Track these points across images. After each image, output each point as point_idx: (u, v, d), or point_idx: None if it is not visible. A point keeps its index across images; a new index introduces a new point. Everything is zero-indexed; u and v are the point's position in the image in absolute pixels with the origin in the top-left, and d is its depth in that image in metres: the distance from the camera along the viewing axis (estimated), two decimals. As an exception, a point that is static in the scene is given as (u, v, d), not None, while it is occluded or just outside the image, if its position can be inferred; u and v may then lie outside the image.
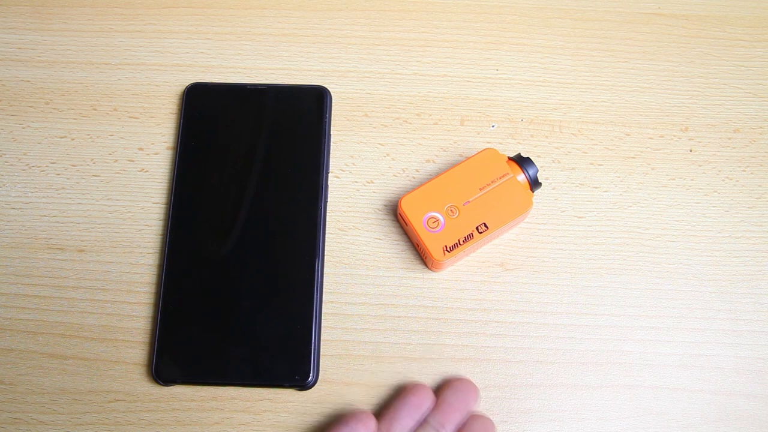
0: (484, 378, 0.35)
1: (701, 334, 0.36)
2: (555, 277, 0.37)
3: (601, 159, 0.39)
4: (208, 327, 0.35)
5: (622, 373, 0.35)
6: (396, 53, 0.42)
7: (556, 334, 0.36)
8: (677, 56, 0.42)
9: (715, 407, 0.35)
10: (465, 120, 0.40)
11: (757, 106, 0.41)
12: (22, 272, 0.36)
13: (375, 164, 0.39)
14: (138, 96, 0.40)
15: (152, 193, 0.38)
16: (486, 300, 0.36)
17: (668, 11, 0.43)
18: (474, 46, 0.42)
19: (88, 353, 0.35)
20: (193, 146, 0.38)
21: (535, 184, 0.36)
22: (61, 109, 0.40)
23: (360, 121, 0.40)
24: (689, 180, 0.39)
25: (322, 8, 0.43)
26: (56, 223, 0.37)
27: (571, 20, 0.43)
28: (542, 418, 0.34)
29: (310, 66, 0.41)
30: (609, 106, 0.41)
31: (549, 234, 0.38)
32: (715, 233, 0.38)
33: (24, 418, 0.34)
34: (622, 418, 0.34)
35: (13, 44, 0.42)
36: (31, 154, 0.39)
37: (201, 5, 0.43)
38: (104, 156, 0.39)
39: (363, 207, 0.38)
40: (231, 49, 0.42)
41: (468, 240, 0.35)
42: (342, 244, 0.37)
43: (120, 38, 0.42)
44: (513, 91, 0.41)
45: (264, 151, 0.38)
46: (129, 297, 0.36)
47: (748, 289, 0.37)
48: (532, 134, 0.40)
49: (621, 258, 0.37)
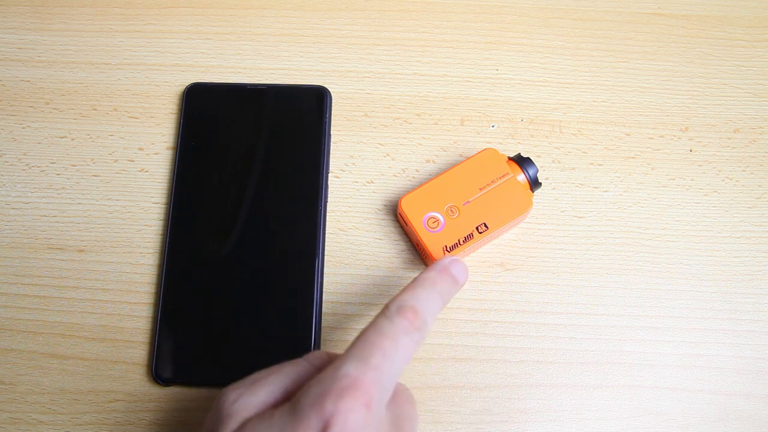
0: (484, 378, 0.35)
1: (701, 334, 0.36)
2: (555, 277, 0.37)
3: (601, 159, 0.39)
4: (208, 327, 0.35)
5: (622, 373, 0.35)
6: (396, 53, 0.42)
7: (556, 334, 0.36)
8: (677, 56, 0.42)
9: (715, 407, 0.35)
10: (465, 120, 0.40)
11: (757, 106, 0.41)
12: (22, 272, 0.36)
13: (375, 164, 0.39)
14: (138, 96, 0.40)
15: (152, 193, 0.38)
16: (486, 300, 0.36)
17: (668, 11, 0.43)
18: (474, 46, 0.42)
19: (88, 353, 0.35)
20: (193, 146, 0.38)
21: (535, 184, 0.36)
22: (61, 109, 0.40)
23: (360, 121, 0.40)
24: (689, 180, 0.39)
25: (322, 8, 0.43)
26: (56, 223, 0.37)
27: (571, 20, 0.43)
28: (542, 418, 0.34)
29: (310, 66, 0.41)
30: (609, 106, 0.41)
31: (549, 234, 0.38)
32: (715, 233, 0.38)
33: (24, 418, 0.34)
34: (622, 418, 0.34)
35: (13, 44, 0.42)
36: (31, 154, 0.39)
37: (201, 5, 0.43)
38: (104, 156, 0.39)
39: (363, 207, 0.38)
40: (231, 49, 0.42)
41: (468, 240, 0.35)
42: (342, 244, 0.37)
43: (120, 38, 0.42)
44: (513, 91, 0.41)
45: (264, 151, 0.38)
46: (129, 297, 0.36)
47: (748, 289, 0.37)
48: (532, 134, 0.40)
49: (621, 258, 0.37)
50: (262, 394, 0.25)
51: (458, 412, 0.34)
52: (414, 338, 0.25)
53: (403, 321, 0.25)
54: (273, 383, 0.25)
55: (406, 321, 0.25)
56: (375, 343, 0.24)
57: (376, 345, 0.24)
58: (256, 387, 0.25)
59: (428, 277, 0.28)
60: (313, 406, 0.22)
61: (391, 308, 0.26)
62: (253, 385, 0.25)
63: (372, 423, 0.23)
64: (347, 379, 0.23)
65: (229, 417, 0.24)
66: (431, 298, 0.27)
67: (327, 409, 0.22)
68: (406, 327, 0.25)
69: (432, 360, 0.35)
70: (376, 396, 0.23)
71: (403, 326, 0.25)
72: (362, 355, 0.24)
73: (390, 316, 0.26)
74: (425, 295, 0.27)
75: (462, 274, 0.29)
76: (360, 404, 0.22)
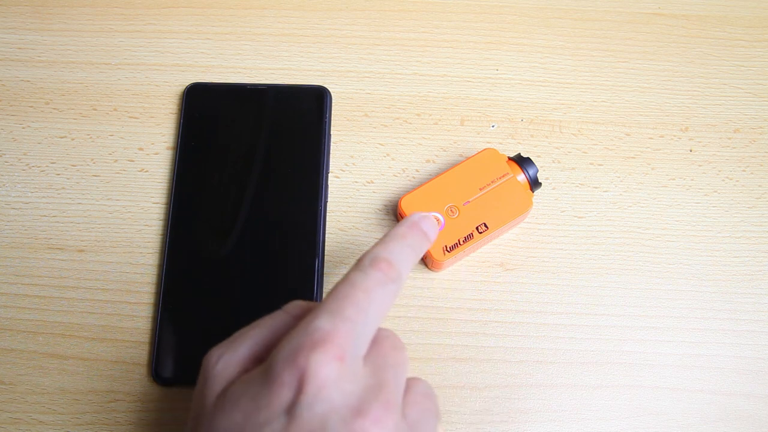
0: (484, 378, 0.35)
1: (701, 334, 0.36)
2: (555, 277, 0.37)
3: (601, 159, 0.39)
4: (209, 327, 0.35)
5: (622, 373, 0.35)
6: (396, 53, 0.42)
7: (556, 334, 0.36)
8: (677, 56, 0.42)
9: (715, 407, 0.35)
10: (465, 120, 0.40)
11: (757, 106, 0.41)
12: (22, 272, 0.36)
13: (375, 164, 0.39)
14: (138, 96, 0.40)
15: (152, 193, 0.38)
16: (486, 300, 0.36)
17: (668, 11, 0.43)
18: (474, 46, 0.42)
19: (88, 353, 0.35)
20: (193, 146, 0.38)
21: (535, 184, 0.36)
22: (61, 109, 0.40)
23: (360, 121, 0.40)
24: (689, 180, 0.39)
25: (322, 8, 0.43)
26: (56, 223, 0.37)
27: (571, 20, 0.43)
28: (542, 418, 0.34)
29: (310, 66, 0.41)
30: (609, 106, 0.41)
31: (549, 234, 0.38)
32: (715, 233, 0.38)
33: (24, 418, 0.34)
34: (622, 418, 0.34)
35: (13, 44, 0.42)
36: (31, 154, 0.39)
37: (201, 5, 0.43)
38: (104, 156, 0.39)
39: (363, 207, 0.38)
40: (231, 49, 0.42)
41: (468, 240, 0.35)
42: (342, 244, 0.37)
43: (120, 38, 0.42)
44: (513, 91, 0.41)
45: (264, 151, 0.38)
46: (129, 297, 0.36)
47: (748, 289, 0.37)
48: (532, 134, 0.40)
49: (621, 258, 0.37)
50: (242, 350, 0.25)
51: (458, 412, 0.34)
52: (389, 289, 0.25)
53: (378, 273, 0.25)
54: (253, 337, 0.25)
55: (381, 273, 0.25)
56: (348, 296, 0.24)
57: (348, 297, 0.24)
58: (237, 343, 0.25)
59: (399, 232, 0.27)
60: (286, 362, 0.22)
61: (364, 261, 0.25)
62: (233, 342, 0.25)
63: (346, 375, 0.22)
64: (319, 332, 0.23)
65: (213, 378, 0.24)
66: (404, 252, 0.27)
67: (299, 364, 0.22)
68: (381, 278, 0.25)
69: (432, 360, 0.35)
70: (349, 348, 0.23)
71: (378, 278, 0.25)
72: (335, 308, 0.23)
73: (363, 268, 0.25)
74: (398, 248, 0.26)
75: (432, 229, 0.29)
76: (332, 357, 0.22)
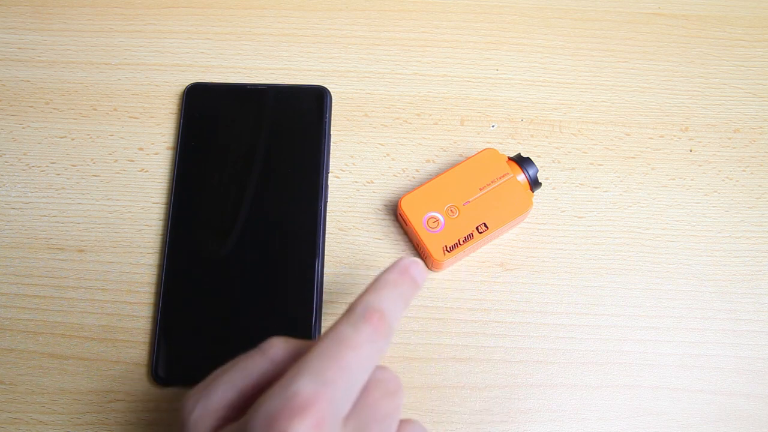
0: (484, 378, 0.35)
1: (701, 334, 0.36)
2: (555, 277, 0.37)
3: (601, 159, 0.39)
4: (208, 327, 0.35)
5: (622, 373, 0.35)
6: (396, 53, 0.42)
7: (556, 334, 0.36)
8: (677, 56, 0.42)
9: (715, 407, 0.35)
10: (465, 120, 0.40)
11: (757, 106, 0.41)
12: (22, 272, 0.36)
13: (375, 164, 0.39)
14: (138, 96, 0.40)
15: (152, 193, 0.38)
16: (486, 300, 0.36)
17: (668, 11, 0.43)
18: (474, 46, 0.42)
19: (88, 353, 0.35)
20: (193, 146, 0.38)
21: (535, 184, 0.36)
22: (61, 109, 0.40)
23: (360, 121, 0.40)
24: (689, 180, 0.39)
25: (322, 8, 0.43)
26: (56, 223, 0.37)
27: (571, 20, 0.43)
28: (542, 418, 0.34)
29: (310, 66, 0.41)
30: (609, 106, 0.41)
31: (549, 234, 0.38)
32: (715, 233, 0.38)
33: (24, 418, 0.34)
34: (622, 418, 0.34)
35: (13, 44, 0.42)
36: (31, 154, 0.39)
37: (201, 5, 0.43)
38: (104, 156, 0.39)
39: (363, 207, 0.38)
40: (231, 49, 0.42)
41: (468, 240, 0.35)
42: (342, 244, 0.37)
43: (120, 38, 0.42)
44: (513, 91, 0.41)
45: (264, 151, 0.38)
46: (129, 297, 0.36)
47: (748, 289, 0.37)
48: (532, 134, 0.40)
49: (621, 258, 0.37)
50: (217, 396, 0.24)
51: (458, 412, 0.34)
52: (378, 346, 0.24)
53: (369, 328, 0.24)
54: (227, 382, 0.25)
55: (372, 328, 0.24)
56: (333, 356, 0.23)
57: (334, 357, 0.23)
58: (210, 389, 0.25)
59: (390, 279, 0.26)
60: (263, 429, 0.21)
61: (356, 311, 0.24)
62: (207, 388, 0.25)
63: None
64: (299, 398, 0.21)
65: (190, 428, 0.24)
66: (396, 302, 0.25)
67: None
68: (371, 335, 0.24)
69: (432, 360, 0.35)
70: (329, 415, 0.22)
71: (368, 333, 0.24)
72: (317, 369, 0.22)
73: (354, 321, 0.24)
74: (390, 297, 0.25)
75: (421, 276, 0.28)
76: (311, 425, 0.21)
